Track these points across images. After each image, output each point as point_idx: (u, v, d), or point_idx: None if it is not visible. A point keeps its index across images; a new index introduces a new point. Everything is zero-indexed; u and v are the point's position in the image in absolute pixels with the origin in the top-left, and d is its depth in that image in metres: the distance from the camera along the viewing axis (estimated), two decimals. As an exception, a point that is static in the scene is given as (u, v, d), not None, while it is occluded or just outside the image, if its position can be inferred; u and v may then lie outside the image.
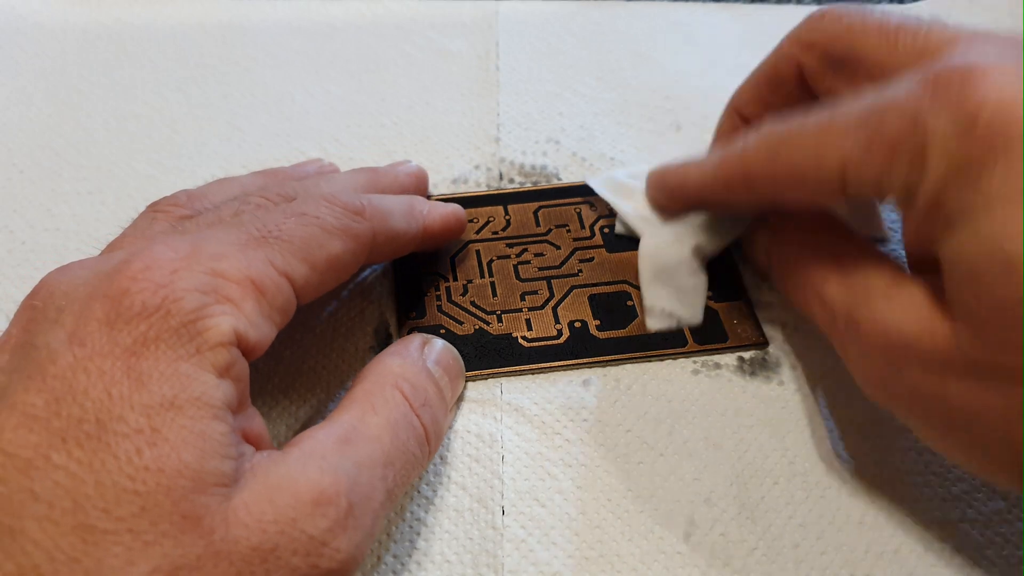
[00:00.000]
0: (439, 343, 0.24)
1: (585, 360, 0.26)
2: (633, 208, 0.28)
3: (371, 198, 0.24)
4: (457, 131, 0.33)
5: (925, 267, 0.19)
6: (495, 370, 0.26)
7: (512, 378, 0.26)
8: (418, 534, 0.23)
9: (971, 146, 0.16)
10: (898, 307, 0.19)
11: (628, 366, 0.26)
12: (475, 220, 0.30)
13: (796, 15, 0.37)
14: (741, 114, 0.26)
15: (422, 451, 0.21)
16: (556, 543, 0.23)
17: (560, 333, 0.26)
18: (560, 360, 0.26)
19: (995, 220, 0.16)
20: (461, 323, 0.27)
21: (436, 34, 0.36)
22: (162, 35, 0.37)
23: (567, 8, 0.38)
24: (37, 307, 0.19)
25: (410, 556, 0.22)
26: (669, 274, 0.26)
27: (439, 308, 0.27)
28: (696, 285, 0.26)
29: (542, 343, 0.26)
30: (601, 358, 0.26)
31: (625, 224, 0.28)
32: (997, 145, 0.16)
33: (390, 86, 0.35)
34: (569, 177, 0.31)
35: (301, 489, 0.18)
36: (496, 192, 0.31)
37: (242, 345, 0.19)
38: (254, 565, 0.17)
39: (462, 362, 0.25)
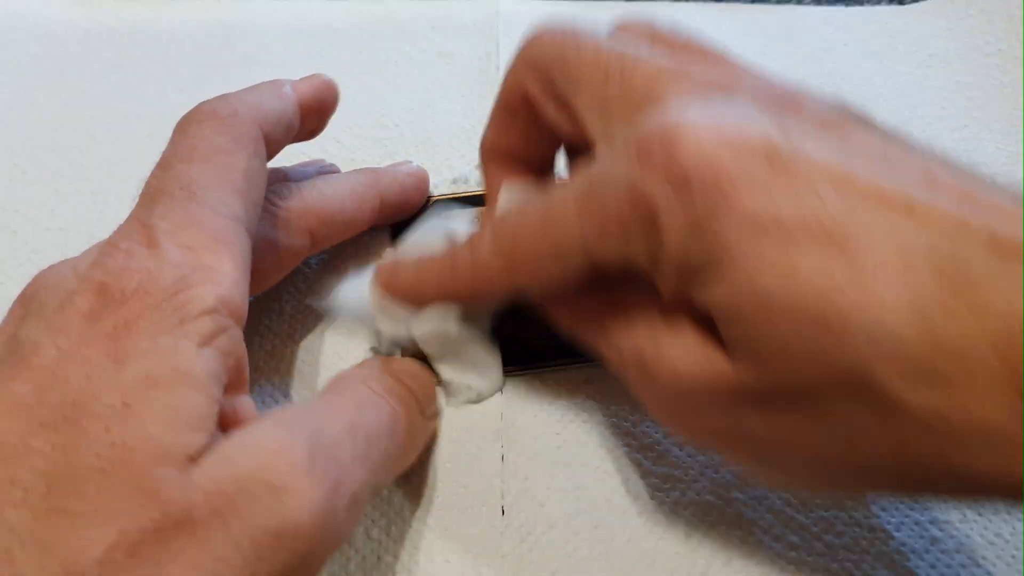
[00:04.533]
0: (406, 361, 0.24)
1: (586, 360, 0.26)
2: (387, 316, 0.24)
3: (234, 95, 0.23)
4: (458, 132, 0.33)
5: (685, 307, 0.19)
6: (495, 370, 0.26)
7: (513, 378, 0.26)
8: (418, 534, 0.23)
9: (692, 206, 0.17)
10: (682, 350, 0.19)
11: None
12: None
13: (796, 15, 0.37)
14: (496, 153, 0.25)
15: (394, 425, 0.21)
16: (556, 543, 0.23)
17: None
18: (561, 360, 0.26)
19: (738, 266, 0.16)
20: (462, 323, 0.27)
21: (437, 35, 0.36)
22: (164, 35, 0.37)
23: (567, 8, 0.38)
24: (24, 306, 0.19)
25: (410, 556, 0.23)
26: (452, 349, 0.24)
27: (440, 308, 0.27)
28: (484, 354, 0.25)
29: (543, 343, 0.26)
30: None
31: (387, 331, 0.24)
32: (713, 197, 0.16)
33: (391, 87, 0.35)
34: (569, 178, 0.31)
35: (259, 444, 0.17)
36: (496, 192, 0.31)
37: (230, 309, 0.19)
38: (215, 528, 0.16)
39: (431, 375, 0.25)
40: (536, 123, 0.24)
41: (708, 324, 0.18)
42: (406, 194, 0.28)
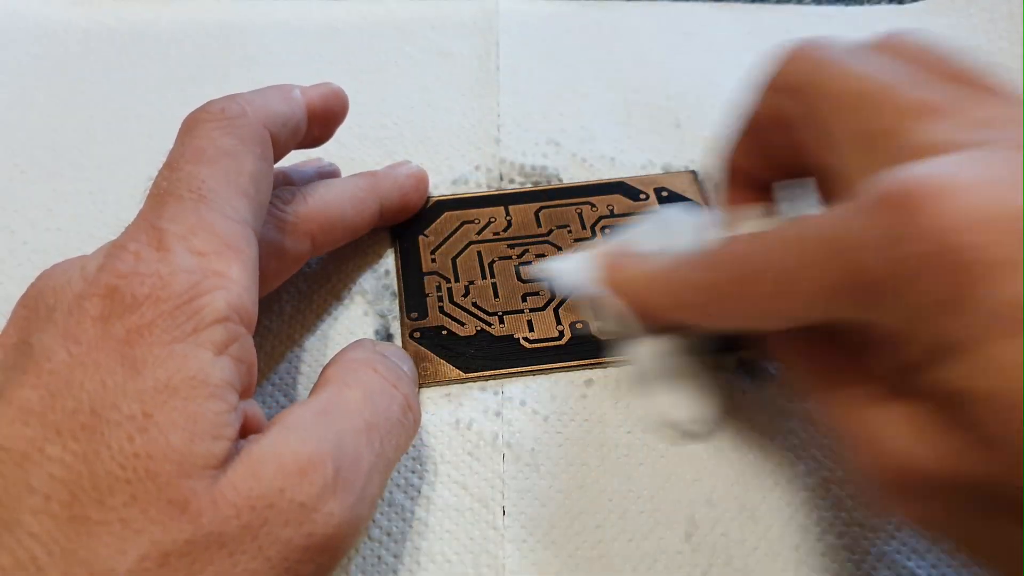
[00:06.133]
0: (388, 344, 0.25)
1: (587, 361, 0.26)
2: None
3: (243, 96, 0.23)
4: (457, 132, 0.33)
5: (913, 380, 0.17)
6: (497, 371, 0.26)
7: (514, 378, 0.26)
8: (418, 534, 0.23)
9: (948, 276, 0.15)
10: (913, 426, 0.17)
11: (630, 367, 0.26)
12: (476, 221, 0.30)
13: (796, 15, 0.37)
14: (743, 170, 0.24)
15: (406, 416, 0.22)
16: (557, 543, 0.23)
17: (562, 334, 0.26)
18: (562, 361, 0.26)
19: (999, 352, 0.15)
20: (463, 324, 0.27)
21: (436, 34, 0.36)
22: (163, 35, 0.37)
23: (567, 8, 0.38)
24: (29, 307, 0.19)
25: (410, 556, 0.23)
26: (669, 377, 0.24)
27: (441, 309, 0.27)
28: (700, 391, 0.24)
29: (544, 344, 0.26)
30: (603, 359, 0.26)
31: (607, 323, 0.24)
32: (975, 272, 0.15)
33: (390, 87, 0.35)
34: (570, 178, 0.31)
35: (285, 459, 0.17)
36: (497, 193, 0.31)
37: (241, 316, 0.19)
38: (245, 544, 0.16)
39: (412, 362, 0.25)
40: (786, 145, 0.22)
41: (938, 404, 0.16)
42: (406, 198, 0.29)
